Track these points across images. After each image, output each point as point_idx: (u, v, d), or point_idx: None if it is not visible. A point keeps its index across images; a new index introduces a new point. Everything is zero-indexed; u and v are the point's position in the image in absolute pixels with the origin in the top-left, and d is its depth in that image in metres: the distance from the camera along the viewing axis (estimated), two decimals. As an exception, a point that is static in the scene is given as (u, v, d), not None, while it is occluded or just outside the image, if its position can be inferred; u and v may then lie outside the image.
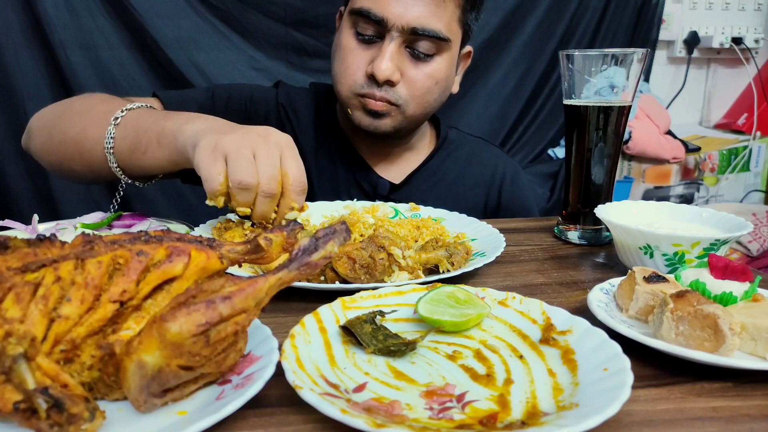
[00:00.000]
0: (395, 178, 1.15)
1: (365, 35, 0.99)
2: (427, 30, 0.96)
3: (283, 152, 0.74)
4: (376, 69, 0.96)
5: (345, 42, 1.02)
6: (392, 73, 0.97)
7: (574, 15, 2.58)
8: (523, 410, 0.44)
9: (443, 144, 1.20)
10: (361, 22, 0.98)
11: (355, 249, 0.68)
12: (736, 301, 0.57)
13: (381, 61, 0.96)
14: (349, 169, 1.14)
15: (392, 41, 0.96)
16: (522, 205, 1.23)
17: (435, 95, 1.05)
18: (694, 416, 0.45)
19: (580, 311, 0.57)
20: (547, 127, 2.64)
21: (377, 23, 0.96)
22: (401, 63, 0.99)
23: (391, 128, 1.04)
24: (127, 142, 0.85)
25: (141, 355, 0.39)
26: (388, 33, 0.96)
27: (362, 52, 1.00)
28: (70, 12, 1.82)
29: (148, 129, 0.82)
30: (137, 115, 0.87)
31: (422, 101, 1.03)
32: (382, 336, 0.53)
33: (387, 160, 1.16)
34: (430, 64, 1.00)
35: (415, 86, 1.00)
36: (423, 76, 1.00)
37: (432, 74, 1.01)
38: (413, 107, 1.03)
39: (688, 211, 0.82)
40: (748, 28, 2.98)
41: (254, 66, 2.07)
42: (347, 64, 1.01)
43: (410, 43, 0.98)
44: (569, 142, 0.91)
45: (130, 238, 0.47)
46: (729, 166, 2.79)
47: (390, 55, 0.96)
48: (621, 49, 0.84)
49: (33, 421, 0.38)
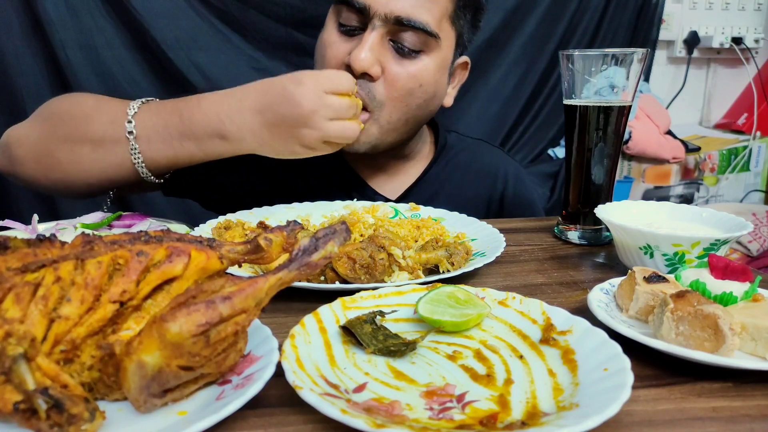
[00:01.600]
0: (393, 193, 1.08)
1: (347, 26, 0.92)
2: (413, 21, 0.88)
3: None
4: (353, 59, 0.88)
5: (326, 36, 0.95)
6: (371, 65, 0.88)
7: (574, 15, 2.58)
8: (523, 410, 0.44)
9: (443, 151, 1.14)
10: (343, 11, 0.92)
11: (355, 249, 0.68)
12: (737, 301, 0.57)
13: (359, 51, 0.88)
14: (342, 187, 1.06)
15: (374, 30, 0.89)
16: (527, 204, 1.19)
17: (418, 100, 0.95)
18: (694, 416, 0.45)
19: (580, 311, 0.57)
20: (547, 127, 2.64)
21: (359, 12, 0.89)
22: (383, 56, 0.90)
23: (368, 146, 0.95)
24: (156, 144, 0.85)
25: (141, 355, 0.39)
26: (370, 22, 0.89)
27: (342, 44, 0.93)
28: (71, 12, 1.82)
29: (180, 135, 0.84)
30: (159, 117, 0.86)
31: (400, 104, 0.93)
32: (382, 336, 0.53)
33: (383, 174, 1.08)
34: (416, 63, 0.92)
35: (395, 85, 0.91)
36: (406, 74, 0.92)
37: (416, 74, 0.92)
38: (389, 111, 0.93)
39: (688, 211, 0.82)
40: (748, 28, 2.98)
41: (254, 66, 2.07)
42: (327, 57, 0.94)
43: (394, 35, 0.90)
44: (569, 142, 0.91)
45: (130, 238, 0.47)
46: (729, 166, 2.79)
47: (370, 45, 0.88)
48: (621, 49, 0.84)
49: (33, 421, 0.38)
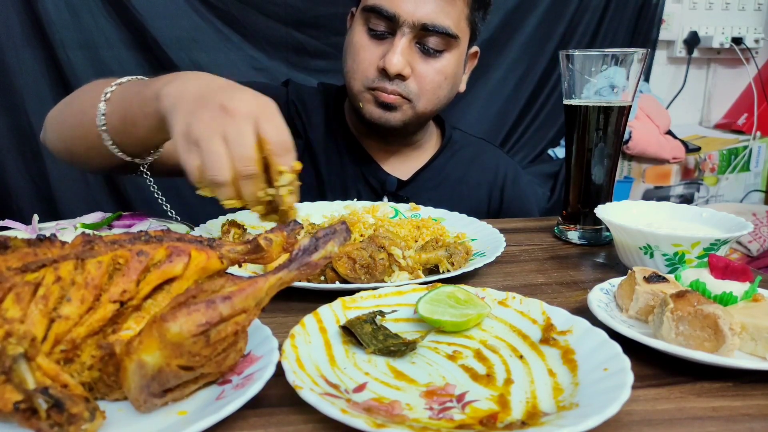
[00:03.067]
0: (402, 176, 1.17)
1: (377, 31, 1.02)
2: (437, 26, 0.99)
3: (257, 120, 0.67)
4: (388, 63, 0.99)
5: (357, 39, 1.04)
6: (403, 67, 1.00)
7: (574, 15, 2.58)
8: (523, 410, 0.44)
9: (448, 144, 1.23)
10: (373, 18, 1.01)
11: (355, 249, 0.68)
12: (737, 301, 0.57)
13: (392, 55, 0.99)
14: (357, 165, 1.16)
15: (403, 36, 0.99)
16: (523, 206, 1.25)
17: (444, 91, 1.08)
18: (694, 416, 0.45)
19: (580, 311, 0.57)
20: (547, 127, 2.63)
21: (389, 19, 0.99)
22: (411, 58, 1.02)
23: (400, 122, 1.06)
24: (116, 116, 0.82)
25: (141, 355, 0.39)
26: (399, 29, 0.99)
27: (374, 48, 1.03)
28: (71, 11, 1.82)
29: (132, 99, 0.80)
30: (125, 87, 0.84)
31: (432, 96, 1.06)
32: (382, 336, 0.53)
33: (394, 158, 1.19)
34: (440, 60, 1.03)
35: (425, 81, 1.03)
36: (433, 71, 1.03)
37: (441, 70, 1.04)
38: (424, 102, 1.05)
39: (688, 211, 0.82)
40: (748, 28, 2.98)
41: (254, 66, 2.07)
42: (360, 59, 1.04)
43: (420, 38, 1.01)
44: (569, 142, 0.91)
45: (130, 238, 0.47)
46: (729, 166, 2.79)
47: (401, 50, 0.99)
48: (621, 49, 0.84)
49: (33, 421, 0.38)
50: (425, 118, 1.12)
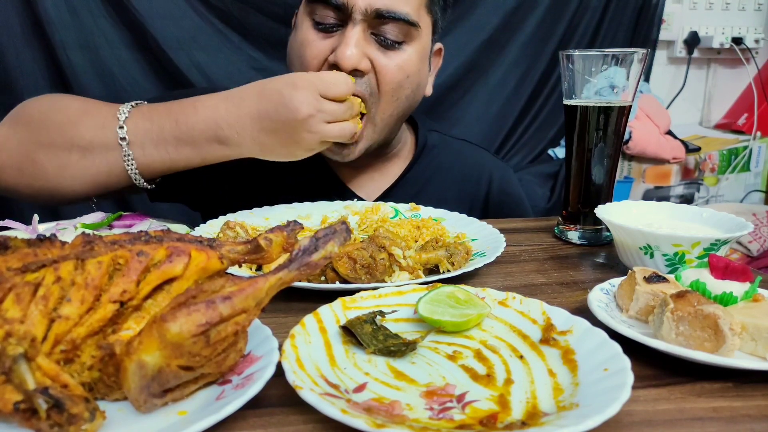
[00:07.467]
0: (372, 194, 1.06)
1: (325, 24, 0.88)
2: (393, 12, 0.86)
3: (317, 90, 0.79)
4: (340, 56, 0.85)
5: (301, 35, 0.90)
6: (359, 60, 0.86)
7: (574, 15, 2.58)
8: (523, 410, 0.44)
9: (423, 150, 1.10)
10: (318, 9, 0.88)
11: (355, 249, 0.68)
12: (737, 301, 0.57)
13: (345, 47, 0.85)
14: (320, 189, 1.01)
15: (356, 26, 0.86)
16: (515, 204, 1.17)
17: (406, 91, 0.94)
18: (694, 416, 0.45)
19: (580, 311, 0.57)
20: (547, 127, 2.64)
21: (337, 8, 0.86)
22: (369, 50, 0.88)
23: (363, 151, 0.94)
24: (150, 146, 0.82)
25: (141, 355, 0.39)
26: (350, 17, 0.86)
27: (321, 42, 0.89)
28: (71, 12, 1.82)
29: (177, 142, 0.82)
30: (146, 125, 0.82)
31: (392, 98, 0.92)
32: (383, 336, 0.53)
33: (363, 174, 1.06)
34: (400, 54, 0.90)
35: (385, 78, 0.90)
36: (394, 66, 0.90)
37: (403, 65, 0.91)
38: (383, 106, 0.92)
39: (688, 211, 0.82)
40: (749, 28, 2.98)
41: (254, 66, 2.07)
42: (307, 57, 0.89)
43: (375, 28, 0.88)
44: (569, 142, 0.91)
45: (130, 238, 0.47)
46: (729, 167, 2.79)
47: (355, 41, 0.85)
48: (621, 49, 0.84)
49: (33, 421, 0.38)
50: (389, 130, 0.97)
